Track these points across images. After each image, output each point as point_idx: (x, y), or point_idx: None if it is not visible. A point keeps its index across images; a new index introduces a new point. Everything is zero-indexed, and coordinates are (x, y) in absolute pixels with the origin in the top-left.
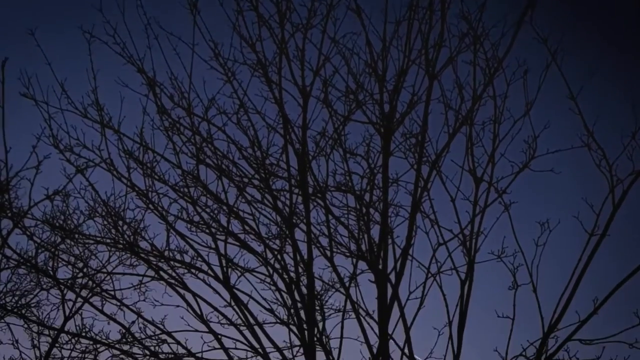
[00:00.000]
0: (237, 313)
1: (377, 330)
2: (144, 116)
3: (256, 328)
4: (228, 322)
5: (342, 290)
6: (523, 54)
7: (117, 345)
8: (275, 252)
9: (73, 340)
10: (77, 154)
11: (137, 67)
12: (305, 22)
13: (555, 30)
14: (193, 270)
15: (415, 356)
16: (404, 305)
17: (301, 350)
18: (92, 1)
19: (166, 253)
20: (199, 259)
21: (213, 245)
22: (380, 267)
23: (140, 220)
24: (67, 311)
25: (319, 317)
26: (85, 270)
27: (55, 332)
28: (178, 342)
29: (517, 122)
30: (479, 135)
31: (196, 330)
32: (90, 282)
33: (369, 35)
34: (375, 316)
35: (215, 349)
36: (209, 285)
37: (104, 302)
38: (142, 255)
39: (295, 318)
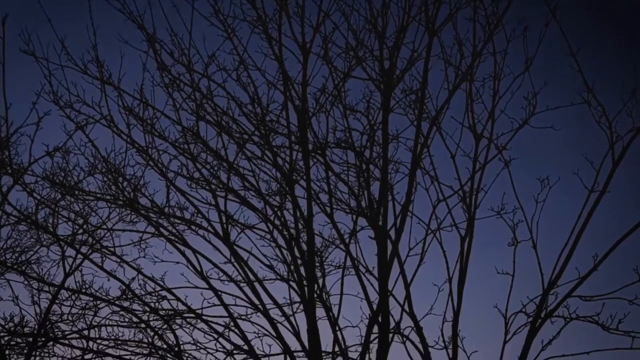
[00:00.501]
0: (237, 269)
1: (377, 287)
2: (144, 73)
3: (256, 284)
4: (228, 279)
5: (342, 246)
6: (523, 10)
7: (117, 302)
8: (275, 209)
9: (73, 297)
10: (77, 111)
11: (137, 24)
12: None
13: None
14: (193, 227)
15: None
16: (403, 262)
17: (301, 306)
18: None
19: (166, 209)
20: (199, 215)
21: (213, 202)
22: (380, 223)
23: (140, 176)
24: (67, 268)
25: (318, 274)
26: (85, 226)
27: (55, 288)
28: (178, 299)
29: (517, 79)
30: (479, 92)
31: (196, 287)
32: (90, 239)
33: None
34: (375, 272)
35: (215, 305)
36: (209, 242)
37: (103, 258)
38: (142, 211)
39: (295, 274)
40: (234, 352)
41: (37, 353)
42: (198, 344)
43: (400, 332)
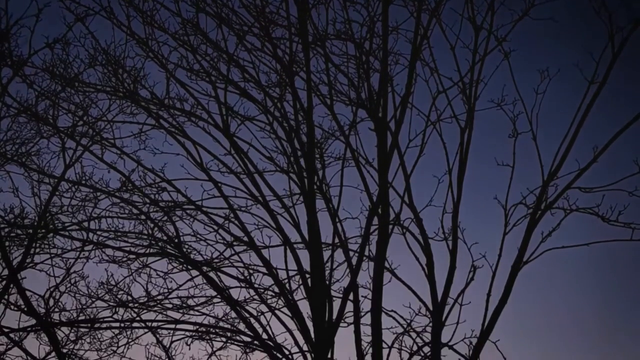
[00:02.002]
0: (237, 161)
1: (376, 178)
2: None
3: (256, 176)
4: (228, 170)
5: (342, 138)
6: None
7: (117, 194)
8: (275, 100)
9: (73, 189)
10: (77, 2)
11: None
12: None
13: None
14: (193, 119)
15: None
16: (403, 153)
17: (301, 198)
18: None
19: (166, 101)
20: (199, 107)
21: (213, 94)
22: (380, 115)
23: (140, 68)
24: (67, 159)
25: (318, 165)
26: (85, 118)
27: (55, 180)
28: (178, 190)
29: None
30: None
31: (196, 179)
32: (90, 131)
33: None
34: (375, 164)
35: (215, 197)
36: (209, 134)
37: (104, 150)
38: (142, 103)
39: (295, 166)
40: (234, 243)
41: (37, 245)
42: (198, 236)
43: (400, 223)
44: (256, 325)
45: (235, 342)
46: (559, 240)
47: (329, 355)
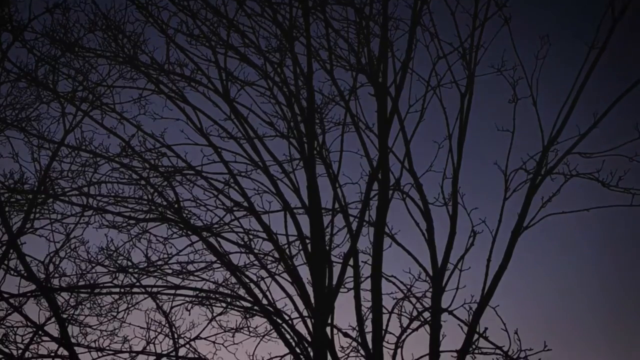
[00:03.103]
0: (237, 126)
1: (376, 144)
2: None
3: (256, 141)
4: (228, 136)
5: (342, 103)
6: None
7: (116, 159)
8: (275, 66)
9: (73, 154)
10: None
11: None
12: None
13: None
14: (193, 84)
15: None
16: (403, 119)
17: (301, 163)
18: None
19: (166, 66)
20: (199, 72)
21: (213, 59)
22: (380, 80)
23: (140, 33)
24: (67, 125)
25: (318, 131)
26: (85, 83)
27: (55, 145)
28: (178, 156)
29: None
30: None
31: (196, 144)
32: (90, 96)
33: None
34: (375, 129)
35: (214, 162)
36: (209, 99)
37: (103, 115)
38: (142, 68)
39: (295, 131)
40: (234, 208)
41: (37, 210)
42: (198, 201)
43: (400, 188)
44: (256, 290)
45: (235, 308)
46: (559, 205)
47: (329, 321)
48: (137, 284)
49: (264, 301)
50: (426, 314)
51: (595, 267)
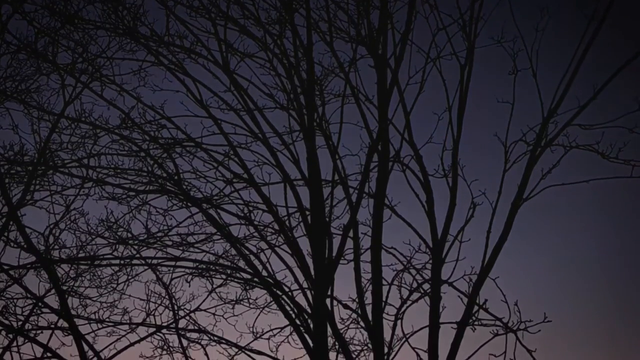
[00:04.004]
0: (237, 98)
1: (376, 115)
2: None
3: (256, 113)
4: (227, 107)
5: (341, 75)
6: None
7: (116, 130)
8: (275, 37)
9: (73, 126)
10: None
11: None
12: None
13: None
14: (193, 56)
15: None
16: (403, 90)
17: (301, 135)
18: None
19: (166, 38)
20: (199, 44)
21: (212, 30)
22: (379, 52)
23: (140, 5)
24: (67, 96)
25: (318, 102)
26: (85, 55)
27: (55, 117)
28: (177, 127)
29: None
30: None
31: (196, 116)
32: (90, 68)
33: None
34: (375, 101)
35: (214, 134)
36: (209, 71)
37: (103, 87)
38: (142, 40)
39: (294, 103)
40: (234, 180)
41: (37, 182)
42: (198, 173)
43: (400, 160)
44: (256, 262)
45: (235, 279)
46: (559, 177)
47: (329, 292)
48: (137, 255)
49: (264, 273)
50: (426, 286)
51: (595, 238)
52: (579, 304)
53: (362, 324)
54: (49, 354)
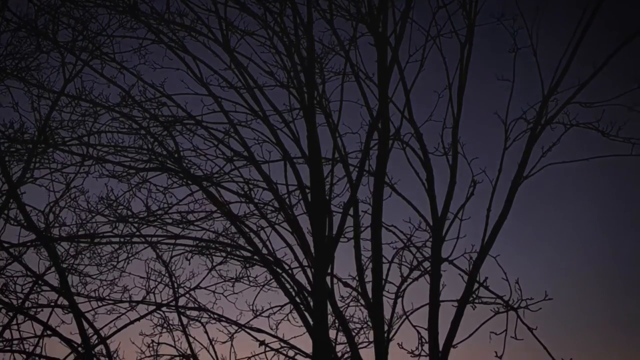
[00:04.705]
0: (237, 76)
1: (376, 93)
2: None
3: (256, 91)
4: (228, 85)
5: (342, 53)
6: None
7: (116, 108)
8: (275, 15)
9: (73, 103)
10: None
11: None
12: None
13: None
14: (193, 34)
15: None
16: (403, 68)
17: (301, 113)
18: None
19: (166, 16)
20: (199, 22)
21: (213, 8)
22: (380, 30)
23: None
24: (67, 74)
25: (318, 80)
26: (85, 33)
27: (55, 95)
28: (178, 105)
29: None
30: None
31: (196, 94)
32: (90, 45)
33: None
34: (375, 79)
35: (215, 111)
36: (209, 49)
37: (103, 65)
38: (142, 18)
39: (295, 81)
40: (234, 158)
41: (37, 159)
42: (198, 151)
43: (400, 138)
44: (256, 240)
45: (235, 257)
46: (559, 155)
47: (329, 270)
48: (137, 233)
49: (264, 251)
50: (426, 264)
51: (595, 216)
52: (579, 282)
53: (362, 301)
54: (48, 332)
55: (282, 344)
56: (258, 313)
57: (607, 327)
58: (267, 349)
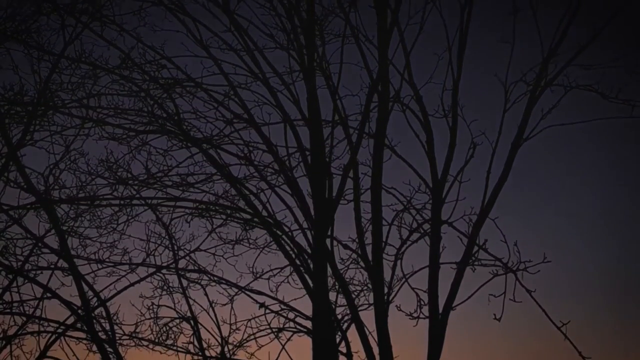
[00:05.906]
0: (237, 38)
1: (376, 56)
2: None
3: (256, 53)
4: (228, 47)
5: (341, 15)
6: None
7: (116, 71)
8: None
9: (73, 66)
10: None
11: None
12: None
13: None
14: None
15: None
16: (403, 31)
17: (301, 75)
18: None
19: None
20: None
21: None
22: None
23: None
24: (67, 36)
25: (318, 42)
26: None
27: (55, 57)
28: (178, 67)
29: None
30: None
31: (196, 56)
32: (90, 8)
33: None
34: (375, 41)
35: (214, 74)
36: (209, 11)
37: (103, 27)
38: None
39: (294, 43)
40: (234, 120)
41: (37, 122)
42: (198, 113)
43: (400, 100)
44: (256, 202)
45: (235, 219)
46: (559, 118)
47: (329, 233)
48: (137, 195)
49: (264, 213)
50: (426, 226)
51: (595, 178)
52: (578, 245)
53: (362, 264)
54: (48, 294)
55: (282, 307)
56: (258, 275)
57: (606, 288)
58: (267, 311)
